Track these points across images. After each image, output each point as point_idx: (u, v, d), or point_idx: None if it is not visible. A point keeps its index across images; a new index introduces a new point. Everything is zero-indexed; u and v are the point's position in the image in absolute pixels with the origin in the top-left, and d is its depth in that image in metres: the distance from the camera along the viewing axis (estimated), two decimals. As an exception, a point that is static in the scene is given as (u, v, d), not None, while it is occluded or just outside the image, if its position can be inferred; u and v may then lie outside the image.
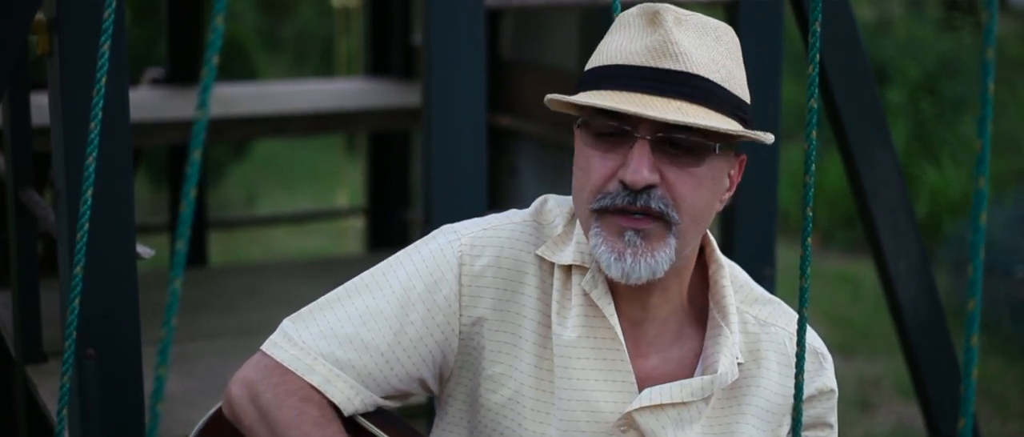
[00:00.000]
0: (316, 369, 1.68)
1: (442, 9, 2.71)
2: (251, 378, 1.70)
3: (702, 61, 1.56)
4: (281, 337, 1.72)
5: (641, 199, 1.56)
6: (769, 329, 1.76)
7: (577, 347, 1.67)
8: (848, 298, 6.98)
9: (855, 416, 5.36)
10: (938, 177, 7.93)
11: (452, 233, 1.74)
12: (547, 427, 1.69)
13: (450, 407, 1.76)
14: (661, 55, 1.55)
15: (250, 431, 1.69)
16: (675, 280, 1.70)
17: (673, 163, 1.57)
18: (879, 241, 3.32)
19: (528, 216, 1.75)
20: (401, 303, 1.70)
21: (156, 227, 5.73)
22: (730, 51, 1.62)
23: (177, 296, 1.00)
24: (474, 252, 1.70)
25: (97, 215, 2.12)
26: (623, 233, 1.57)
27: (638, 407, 1.66)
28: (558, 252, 1.70)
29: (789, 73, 6.82)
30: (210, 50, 0.97)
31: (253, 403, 1.68)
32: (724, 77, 1.58)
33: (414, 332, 1.69)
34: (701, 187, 1.59)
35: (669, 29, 1.56)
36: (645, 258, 1.58)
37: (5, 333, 3.21)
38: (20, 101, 2.89)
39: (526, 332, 1.70)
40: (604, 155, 1.58)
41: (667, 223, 1.58)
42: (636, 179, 1.54)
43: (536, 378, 1.69)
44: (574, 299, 1.68)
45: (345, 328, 1.70)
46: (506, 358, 1.70)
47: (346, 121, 4.44)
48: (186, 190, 0.98)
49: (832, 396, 1.80)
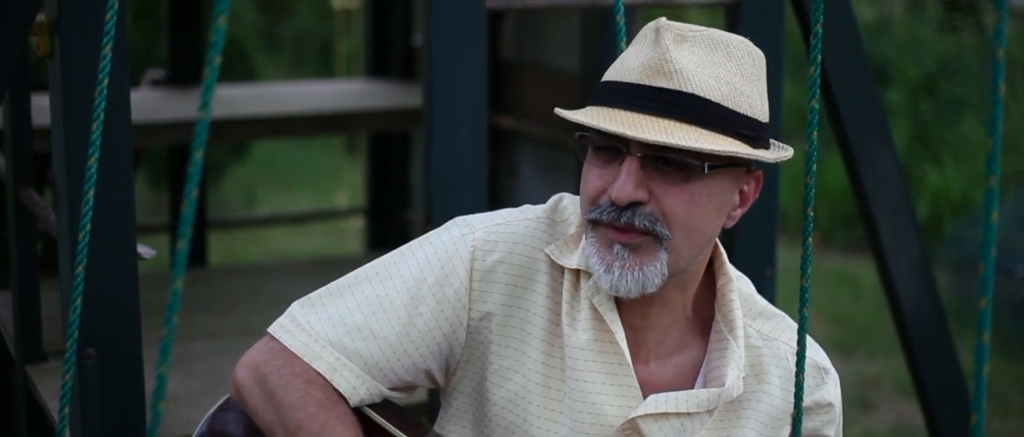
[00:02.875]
0: (323, 356, 1.68)
1: (443, 10, 2.72)
2: (257, 361, 1.70)
3: (700, 79, 1.56)
4: (289, 321, 1.72)
5: (626, 215, 1.57)
6: (772, 344, 1.76)
7: (586, 350, 1.68)
8: (848, 298, 6.98)
9: (855, 415, 5.36)
10: (938, 177, 7.93)
11: (466, 226, 1.74)
12: (558, 426, 1.69)
13: (455, 400, 1.77)
14: (656, 73, 1.56)
15: (256, 413, 1.69)
16: (678, 292, 1.70)
17: (664, 180, 1.57)
18: (880, 241, 3.32)
19: (543, 213, 1.75)
20: (412, 294, 1.70)
21: (156, 227, 5.73)
22: (742, 68, 1.61)
23: (179, 295, 1.00)
24: (487, 247, 1.70)
25: (98, 215, 2.13)
26: (612, 245, 1.59)
27: (643, 413, 1.67)
28: (566, 255, 1.70)
29: (789, 73, 6.81)
30: (212, 51, 0.97)
31: (259, 385, 1.68)
32: (726, 95, 1.57)
33: (423, 324, 1.70)
34: (695, 204, 1.59)
35: (667, 47, 1.57)
36: (633, 272, 1.59)
37: (5, 333, 3.21)
38: (21, 102, 2.89)
39: (535, 329, 1.70)
40: (600, 169, 1.60)
41: (657, 238, 1.58)
42: (620, 196, 1.56)
43: (544, 376, 1.70)
44: (583, 303, 1.69)
45: (354, 316, 1.70)
46: (513, 353, 1.70)
47: (346, 122, 4.44)
48: (188, 190, 0.98)
49: (830, 410, 1.79)
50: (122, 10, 2.23)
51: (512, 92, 4.76)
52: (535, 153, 4.63)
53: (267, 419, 1.68)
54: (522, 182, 4.71)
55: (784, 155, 1.65)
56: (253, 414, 1.70)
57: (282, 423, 1.65)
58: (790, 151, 1.67)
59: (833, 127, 3.34)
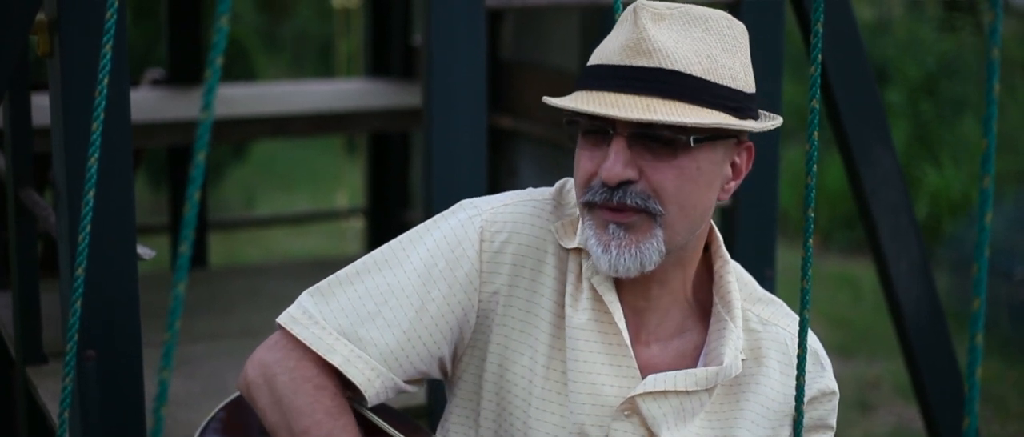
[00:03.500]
0: (337, 349, 1.67)
1: (442, 9, 2.71)
2: (268, 360, 1.69)
3: (679, 54, 1.57)
4: (300, 312, 1.71)
5: (617, 195, 1.59)
6: (771, 328, 1.77)
7: (585, 330, 1.69)
8: (848, 299, 6.98)
9: (855, 417, 5.36)
10: (938, 177, 7.93)
11: (472, 208, 1.74)
12: (558, 406, 1.70)
13: (460, 386, 1.76)
14: (635, 53, 1.58)
15: (264, 413, 1.69)
16: (677, 272, 1.71)
17: (653, 157, 1.59)
18: (879, 241, 3.32)
19: (549, 195, 1.76)
20: (423, 280, 1.70)
21: (156, 228, 5.73)
22: (722, 40, 1.62)
23: (181, 299, 0.99)
24: (495, 228, 1.71)
25: (98, 216, 2.12)
26: (608, 226, 1.61)
27: (642, 392, 1.67)
28: (569, 236, 1.71)
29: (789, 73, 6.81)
30: (214, 51, 0.97)
31: (268, 386, 1.68)
32: (707, 68, 1.58)
33: (436, 309, 1.70)
34: (685, 177, 1.60)
35: (644, 26, 1.58)
36: (630, 250, 1.60)
37: (5, 334, 3.21)
38: (21, 101, 2.89)
39: (542, 311, 1.71)
40: (590, 152, 1.62)
41: (651, 215, 1.60)
42: (609, 176, 1.58)
43: (548, 357, 1.70)
44: (585, 283, 1.70)
45: (366, 305, 1.69)
46: (519, 336, 1.71)
47: (346, 122, 4.44)
48: (190, 192, 0.97)
49: (833, 398, 1.82)
50: (122, 9, 2.23)
51: (512, 92, 4.76)
52: (535, 153, 4.62)
53: (274, 420, 1.68)
54: (522, 182, 4.71)
55: (772, 125, 1.66)
56: (260, 413, 1.70)
57: (288, 427, 1.65)
58: (779, 120, 1.68)
59: (833, 127, 3.33)
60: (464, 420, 1.77)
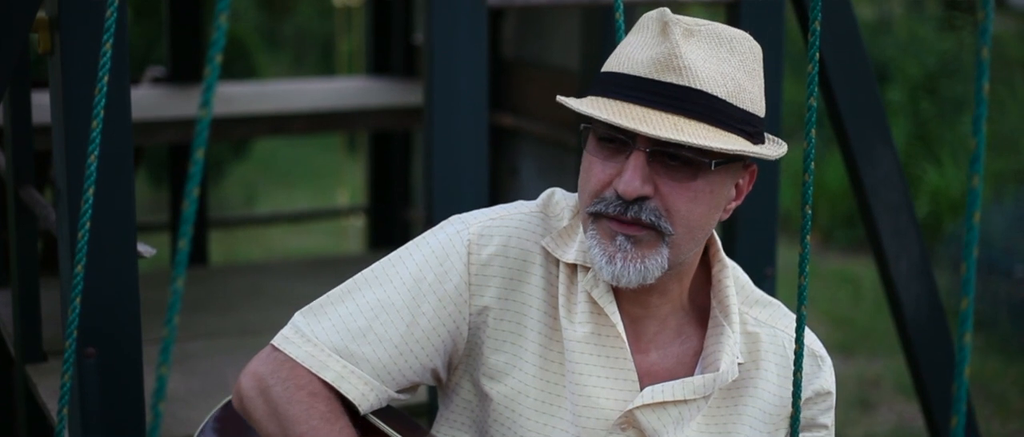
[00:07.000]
0: (330, 365, 1.68)
1: (444, 8, 2.71)
2: (261, 372, 1.70)
3: (708, 75, 1.57)
4: (293, 332, 1.72)
5: (632, 210, 1.58)
6: (769, 331, 1.77)
7: (585, 343, 1.69)
8: (848, 298, 6.98)
9: (855, 416, 5.36)
10: (938, 176, 7.93)
11: (460, 223, 1.75)
12: (557, 420, 1.70)
13: (455, 397, 1.77)
14: (665, 68, 1.57)
15: (259, 424, 1.69)
16: (675, 282, 1.71)
17: (670, 176, 1.58)
18: (880, 240, 3.32)
19: (536, 207, 1.76)
20: (412, 294, 1.70)
21: (156, 226, 5.73)
22: (744, 63, 1.61)
23: (180, 295, 0.99)
24: (482, 241, 1.71)
25: (98, 214, 2.12)
26: (615, 237, 1.60)
27: (640, 405, 1.67)
28: (562, 248, 1.71)
29: (790, 72, 6.81)
30: (214, 49, 0.97)
31: (263, 397, 1.68)
32: (731, 91, 1.58)
33: (426, 323, 1.70)
34: (697, 200, 1.60)
35: (676, 41, 1.57)
36: (635, 264, 1.60)
37: (5, 333, 3.21)
38: (21, 99, 2.89)
39: (531, 323, 1.71)
40: (604, 161, 1.61)
41: (660, 233, 1.59)
42: (627, 190, 1.57)
43: (542, 369, 1.70)
44: (580, 296, 1.70)
45: (357, 321, 1.70)
46: (510, 348, 1.71)
47: (347, 120, 4.44)
48: (189, 189, 0.97)
49: (829, 398, 1.81)
50: (122, 7, 2.23)
51: (513, 90, 4.76)
52: (536, 151, 4.63)
53: (270, 430, 1.68)
54: (523, 180, 4.71)
55: (781, 151, 1.66)
56: (256, 425, 1.70)
57: (285, 436, 1.65)
58: (784, 146, 1.68)
59: (833, 126, 3.33)
60: (458, 429, 1.77)
